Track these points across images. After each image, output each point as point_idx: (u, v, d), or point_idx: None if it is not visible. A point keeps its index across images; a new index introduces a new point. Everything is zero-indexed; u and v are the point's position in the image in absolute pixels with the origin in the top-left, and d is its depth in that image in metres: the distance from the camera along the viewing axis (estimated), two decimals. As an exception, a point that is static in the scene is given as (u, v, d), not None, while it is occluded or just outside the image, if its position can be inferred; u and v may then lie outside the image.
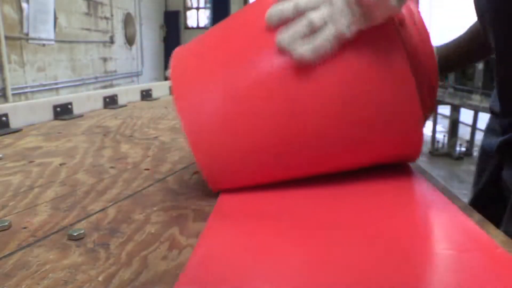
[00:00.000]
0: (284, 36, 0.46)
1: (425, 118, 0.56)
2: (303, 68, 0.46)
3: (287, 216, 0.51)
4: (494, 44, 0.66)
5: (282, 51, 0.47)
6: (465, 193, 3.19)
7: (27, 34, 4.79)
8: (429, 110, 0.56)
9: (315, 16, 0.45)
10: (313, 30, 0.46)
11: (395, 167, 0.66)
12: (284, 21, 0.47)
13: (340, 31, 0.45)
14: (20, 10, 4.68)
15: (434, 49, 0.52)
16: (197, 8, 11.15)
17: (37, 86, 5.06)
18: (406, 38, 0.49)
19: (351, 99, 0.48)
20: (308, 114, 0.48)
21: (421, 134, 0.54)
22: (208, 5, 11.01)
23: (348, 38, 0.45)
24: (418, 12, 0.51)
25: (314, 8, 0.46)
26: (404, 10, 0.49)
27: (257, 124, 0.49)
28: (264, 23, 0.49)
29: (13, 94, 4.50)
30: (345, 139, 0.51)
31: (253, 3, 0.56)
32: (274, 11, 0.48)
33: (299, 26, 0.46)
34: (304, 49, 0.45)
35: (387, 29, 0.46)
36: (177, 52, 0.56)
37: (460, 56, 0.82)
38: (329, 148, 0.52)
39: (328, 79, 0.47)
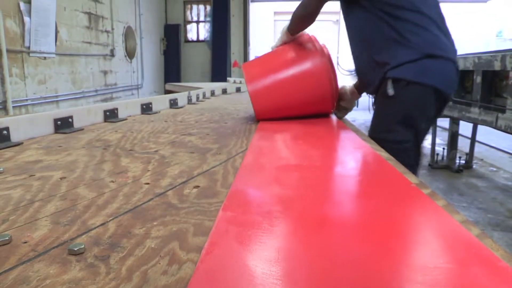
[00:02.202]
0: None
1: (334, 100, 1.68)
2: (295, 76, 1.60)
3: (287, 231, 0.51)
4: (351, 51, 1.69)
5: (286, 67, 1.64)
6: (465, 206, 3.19)
7: (28, 48, 4.82)
8: (335, 97, 1.68)
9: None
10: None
11: (406, 192, 0.66)
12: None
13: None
14: (22, 23, 4.71)
15: (351, 86, 1.80)
16: (197, 22, 11.24)
17: (38, 98, 5.08)
18: (331, 70, 1.61)
19: (309, 91, 1.60)
20: (296, 92, 1.59)
21: (329, 106, 1.68)
22: (208, 19, 11.10)
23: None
24: (330, 57, 1.64)
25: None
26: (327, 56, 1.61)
27: (279, 93, 1.59)
28: (283, 54, 1.68)
29: (13, 107, 4.51)
30: (307, 104, 1.63)
31: (281, 47, 1.72)
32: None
33: None
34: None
35: (323, 65, 1.58)
36: (245, 64, 1.71)
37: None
38: (303, 106, 1.63)
39: (302, 82, 1.58)
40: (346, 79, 9.86)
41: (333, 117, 1.75)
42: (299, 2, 1.61)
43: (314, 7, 1.56)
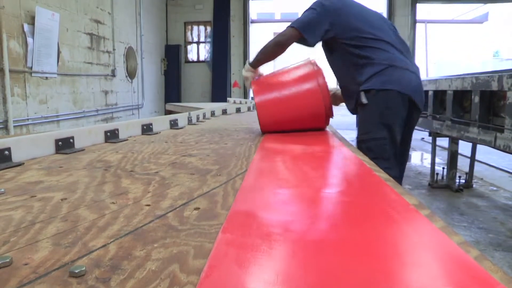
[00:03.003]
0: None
1: (328, 119, 1.99)
2: (296, 94, 1.91)
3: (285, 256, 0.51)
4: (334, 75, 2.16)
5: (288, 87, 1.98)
6: (466, 226, 3.17)
7: (30, 68, 4.88)
8: (329, 116, 1.97)
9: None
10: None
11: (404, 213, 0.66)
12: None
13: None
14: (25, 44, 4.78)
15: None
16: (197, 42, 11.39)
17: (39, 118, 5.11)
18: (322, 92, 1.89)
19: (306, 108, 1.90)
20: (296, 108, 1.90)
21: (323, 122, 1.97)
22: (208, 40, 11.25)
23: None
24: (325, 83, 1.90)
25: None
26: (320, 81, 1.89)
27: (282, 107, 1.89)
28: (285, 75, 2.02)
29: (14, 126, 4.54)
30: (305, 119, 1.93)
31: (285, 69, 2.05)
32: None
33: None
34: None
35: (316, 89, 1.88)
36: (254, 81, 2.03)
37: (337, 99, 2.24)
38: (301, 121, 1.93)
39: (300, 101, 1.90)
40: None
41: (329, 133, 1.92)
42: None
43: (290, 39, 1.94)
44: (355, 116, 2.17)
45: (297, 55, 2.28)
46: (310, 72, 1.92)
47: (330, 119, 2.03)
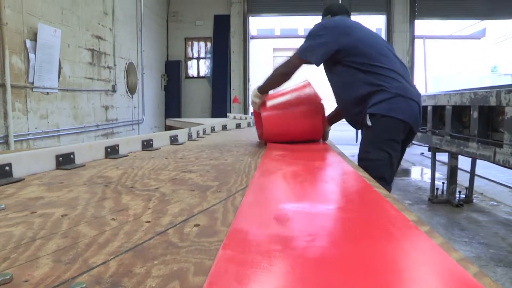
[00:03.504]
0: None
1: (324, 132, 2.29)
2: (296, 113, 2.18)
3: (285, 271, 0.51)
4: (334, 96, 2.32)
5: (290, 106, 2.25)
6: (466, 241, 3.16)
7: (32, 83, 4.90)
8: (325, 130, 2.29)
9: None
10: None
11: (404, 229, 0.67)
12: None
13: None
14: (27, 60, 4.82)
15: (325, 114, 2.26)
16: (198, 58, 11.48)
17: (39, 133, 5.12)
18: (321, 110, 2.19)
19: (305, 126, 2.19)
20: (295, 123, 2.17)
21: (320, 135, 2.24)
22: (208, 55, 11.34)
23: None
24: (322, 105, 2.20)
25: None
26: (319, 102, 2.19)
27: (283, 122, 2.16)
28: (287, 94, 2.27)
29: (15, 141, 4.54)
30: (303, 132, 2.20)
31: (289, 88, 2.29)
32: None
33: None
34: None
35: (317, 108, 2.17)
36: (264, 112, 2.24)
37: (335, 117, 2.45)
38: (300, 134, 2.19)
39: (300, 120, 2.18)
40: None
41: (329, 149, 2.02)
42: (297, 39, 2.55)
43: (295, 67, 2.09)
44: (354, 131, 2.60)
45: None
46: (311, 94, 2.21)
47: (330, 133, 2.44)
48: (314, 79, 2.35)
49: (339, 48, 2.03)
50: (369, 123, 2.01)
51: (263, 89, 2.20)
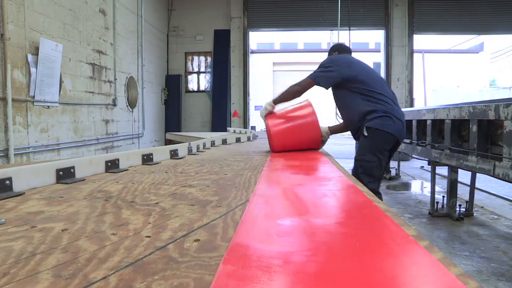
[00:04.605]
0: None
1: (321, 142, 2.90)
2: (299, 125, 2.75)
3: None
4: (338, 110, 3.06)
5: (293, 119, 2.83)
6: (467, 255, 3.14)
7: (33, 97, 4.93)
8: (322, 140, 2.91)
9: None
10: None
11: (403, 244, 0.67)
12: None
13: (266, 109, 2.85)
14: (29, 74, 4.85)
15: (326, 127, 2.95)
16: (198, 72, 11.56)
17: (39, 146, 5.13)
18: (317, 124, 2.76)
19: (306, 136, 2.76)
20: (300, 135, 2.74)
21: (319, 144, 2.85)
22: (208, 70, 11.42)
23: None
24: (317, 120, 2.75)
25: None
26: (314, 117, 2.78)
27: (290, 134, 2.73)
28: (292, 110, 2.85)
29: (15, 154, 4.55)
30: (305, 142, 2.77)
31: (295, 106, 2.87)
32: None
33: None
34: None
35: (315, 121, 2.73)
36: (268, 114, 2.85)
37: (339, 129, 3.05)
38: (302, 143, 2.77)
39: (304, 133, 2.76)
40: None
41: (330, 163, 2.01)
42: (296, 53, 3.01)
43: (307, 87, 2.77)
44: (353, 145, 3.11)
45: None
46: (312, 112, 2.76)
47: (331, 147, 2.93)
48: (313, 99, 2.94)
49: (343, 77, 2.71)
50: (366, 133, 2.67)
51: (278, 101, 2.83)
